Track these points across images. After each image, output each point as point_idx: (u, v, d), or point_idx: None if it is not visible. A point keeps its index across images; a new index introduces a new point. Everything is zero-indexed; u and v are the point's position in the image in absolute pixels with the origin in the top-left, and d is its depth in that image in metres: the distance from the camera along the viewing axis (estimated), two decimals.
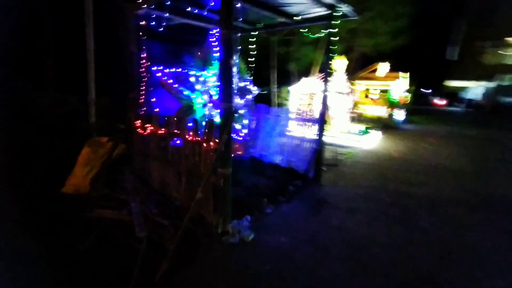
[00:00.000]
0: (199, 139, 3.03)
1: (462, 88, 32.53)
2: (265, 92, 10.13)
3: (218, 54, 4.64)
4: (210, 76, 4.38)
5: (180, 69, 4.18)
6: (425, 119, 17.20)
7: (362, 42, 11.17)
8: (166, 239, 2.77)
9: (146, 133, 3.93)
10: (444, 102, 33.72)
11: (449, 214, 3.75)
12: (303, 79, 10.08)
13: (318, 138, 4.92)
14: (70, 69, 5.92)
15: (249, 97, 5.17)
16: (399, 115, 14.77)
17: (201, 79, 4.28)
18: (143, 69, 4.18)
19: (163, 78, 4.10)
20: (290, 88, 10.05)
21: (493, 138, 10.70)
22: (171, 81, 4.12)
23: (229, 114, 2.77)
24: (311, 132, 5.27)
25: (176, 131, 3.35)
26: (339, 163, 6.28)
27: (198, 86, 4.23)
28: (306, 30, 5.87)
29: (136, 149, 4.29)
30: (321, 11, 4.58)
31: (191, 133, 3.13)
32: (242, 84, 4.97)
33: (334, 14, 4.44)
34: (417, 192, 4.55)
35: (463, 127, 14.18)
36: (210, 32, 4.49)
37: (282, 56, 10.80)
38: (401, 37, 11.44)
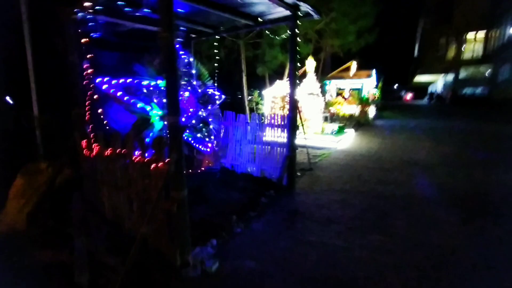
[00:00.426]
0: (147, 159, 2.63)
1: (428, 83, 34.53)
2: (239, 97, 9.85)
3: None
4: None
5: (130, 79, 3.74)
6: (394, 114, 17.82)
7: (330, 42, 11.25)
8: (113, 282, 2.33)
9: (92, 154, 3.43)
10: (410, 96, 35.50)
11: (426, 215, 3.63)
12: (277, 82, 9.91)
13: (288, 143, 4.67)
14: (10, 82, 5.20)
15: (212, 105, 4.82)
16: (370, 111, 15.14)
17: (153, 89, 3.86)
18: (88, 81, 3.69)
19: (111, 91, 3.63)
20: (264, 92, 9.83)
21: (456, 128, 11.21)
22: (120, 93, 3.66)
23: (176, 129, 2.41)
24: (283, 137, 5.03)
25: (123, 150, 2.92)
26: (314, 166, 6.11)
27: (151, 97, 3.81)
28: (272, 32, 5.67)
29: (85, 172, 3.76)
30: (283, 11, 4.36)
31: (137, 152, 2.72)
32: (203, 91, 4.61)
33: (297, 13, 4.25)
34: (393, 192, 4.44)
35: (428, 119, 14.81)
36: None
37: (252, 60, 10.57)
38: (367, 36, 11.71)
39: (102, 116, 3.91)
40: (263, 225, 3.42)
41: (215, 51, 5.54)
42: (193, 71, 4.55)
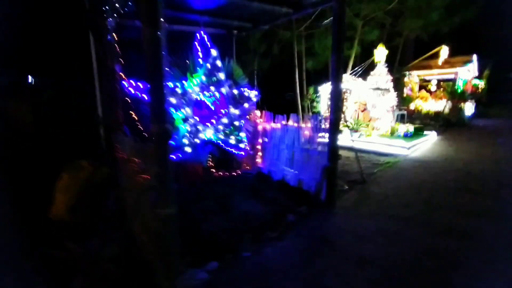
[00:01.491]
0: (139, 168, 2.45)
1: None
2: (289, 94, 9.18)
3: (200, 60, 4.10)
4: (195, 85, 3.80)
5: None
6: (505, 111, 13.66)
7: (408, 24, 9.21)
8: None
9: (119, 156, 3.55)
10: None
11: None
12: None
13: (328, 151, 3.87)
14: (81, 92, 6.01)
15: (246, 105, 4.43)
16: (468, 108, 11.98)
17: (179, 90, 3.73)
18: (119, 84, 3.84)
19: (137, 93, 3.68)
20: (320, 88, 8.86)
21: None
22: (145, 96, 3.67)
23: (161, 139, 2.11)
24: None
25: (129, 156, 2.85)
26: (370, 178, 5.02)
27: (174, 100, 3.70)
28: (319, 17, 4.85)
29: (120, 173, 3.97)
30: None
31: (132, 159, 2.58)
32: (235, 91, 4.26)
33: None
34: (478, 229, 3.13)
35: None
36: (195, 34, 3.92)
37: (307, 54, 9.53)
38: (464, 10, 9.02)
39: (135, 118, 4.04)
40: (278, 253, 2.84)
41: (264, 46, 5.14)
42: (222, 69, 4.24)
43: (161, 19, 2.04)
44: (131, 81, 3.74)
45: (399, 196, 4.14)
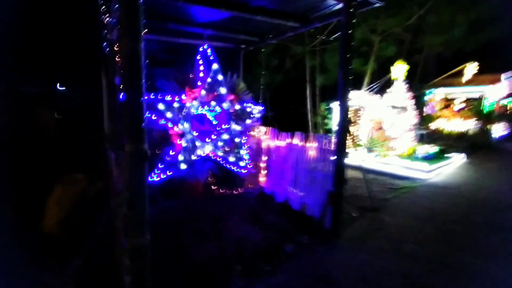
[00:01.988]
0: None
1: None
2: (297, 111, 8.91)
3: (202, 74, 3.97)
4: (195, 100, 3.65)
5: (153, 95, 3.60)
6: None
7: (428, 40, 8.76)
8: None
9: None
10: None
11: None
12: (350, 93, 8.45)
13: (333, 175, 3.51)
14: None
15: (249, 121, 4.21)
16: (497, 129, 11.09)
17: (176, 104, 3.59)
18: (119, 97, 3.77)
19: None
20: (332, 105, 8.53)
21: None
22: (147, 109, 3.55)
23: (136, 160, 1.91)
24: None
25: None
26: (382, 204, 4.56)
27: (170, 114, 3.55)
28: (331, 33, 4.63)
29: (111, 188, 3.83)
30: (333, 3, 3.38)
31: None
32: (238, 106, 4.06)
33: (350, 3, 3.18)
34: (507, 277, 2.62)
35: None
36: (199, 48, 3.82)
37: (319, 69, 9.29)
38: (490, 28, 8.48)
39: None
40: None
41: (275, 61, 4.99)
42: (223, 83, 4.08)
43: (142, 32, 1.89)
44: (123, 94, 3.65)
45: (414, 229, 3.67)
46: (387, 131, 7.91)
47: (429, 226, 3.74)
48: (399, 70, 7.99)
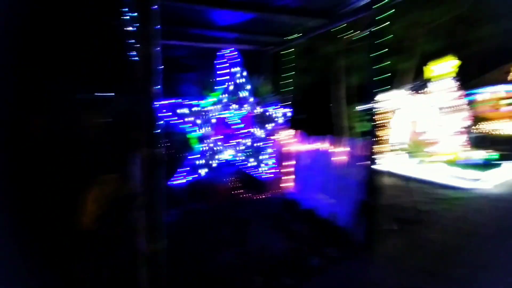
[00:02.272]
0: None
1: None
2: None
3: (222, 78, 3.90)
4: (210, 104, 3.63)
5: (174, 100, 3.63)
6: None
7: (479, 32, 7.73)
8: None
9: None
10: None
11: None
12: (386, 93, 7.81)
13: (369, 181, 3.18)
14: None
15: (273, 124, 4.06)
16: None
17: (197, 108, 3.59)
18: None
19: (163, 112, 3.66)
20: (368, 106, 7.93)
21: None
22: (170, 113, 3.62)
23: (152, 165, 1.88)
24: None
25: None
26: (426, 217, 4.05)
27: (194, 118, 3.55)
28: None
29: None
30: None
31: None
32: (262, 109, 3.94)
33: None
34: None
35: None
36: (219, 53, 3.80)
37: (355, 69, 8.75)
38: None
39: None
40: None
41: (305, 61, 4.80)
42: (248, 86, 3.99)
43: (158, 36, 1.87)
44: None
45: (463, 249, 3.16)
46: (432, 135, 7.13)
47: (483, 247, 3.19)
48: (447, 66, 7.17)
